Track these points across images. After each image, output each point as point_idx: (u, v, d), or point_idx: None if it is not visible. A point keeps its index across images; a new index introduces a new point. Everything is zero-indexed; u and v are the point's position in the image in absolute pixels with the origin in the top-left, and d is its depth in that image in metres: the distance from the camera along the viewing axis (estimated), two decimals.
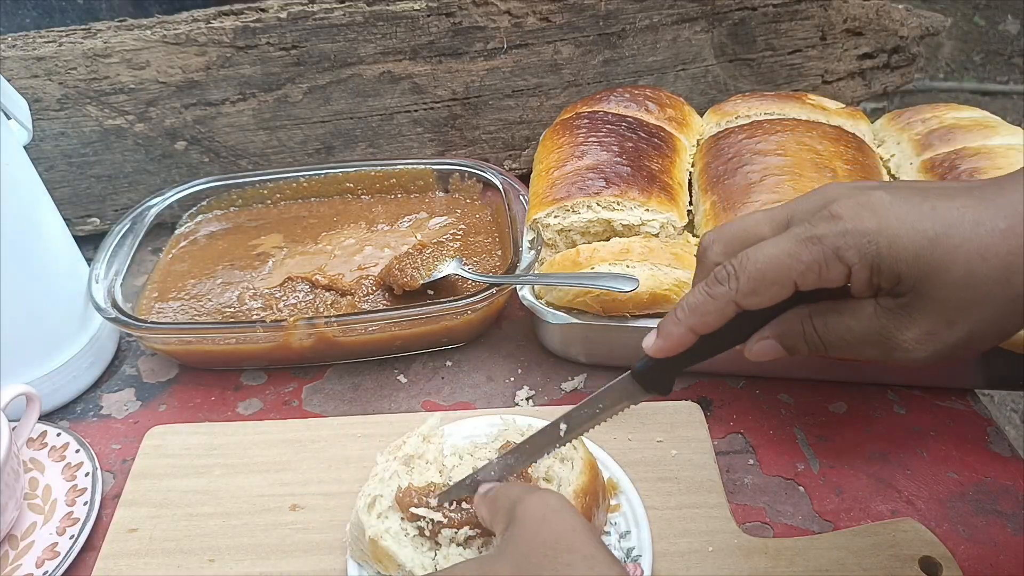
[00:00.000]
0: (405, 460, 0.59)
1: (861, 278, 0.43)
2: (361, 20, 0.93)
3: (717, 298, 0.46)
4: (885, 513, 0.63)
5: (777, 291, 0.45)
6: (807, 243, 0.44)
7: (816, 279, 0.44)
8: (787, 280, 0.44)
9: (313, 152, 1.01)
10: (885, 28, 1.05)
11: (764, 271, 0.44)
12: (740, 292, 0.45)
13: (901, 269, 0.42)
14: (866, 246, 0.42)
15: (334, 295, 0.81)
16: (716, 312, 0.46)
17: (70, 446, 0.69)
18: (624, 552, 0.57)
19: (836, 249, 0.43)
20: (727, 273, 0.46)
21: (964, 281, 0.41)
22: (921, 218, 0.42)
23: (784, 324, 0.47)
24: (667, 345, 0.49)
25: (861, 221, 0.43)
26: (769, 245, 0.45)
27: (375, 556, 0.54)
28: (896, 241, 0.42)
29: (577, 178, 0.79)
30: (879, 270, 0.42)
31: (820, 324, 0.46)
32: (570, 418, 0.53)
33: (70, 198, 0.97)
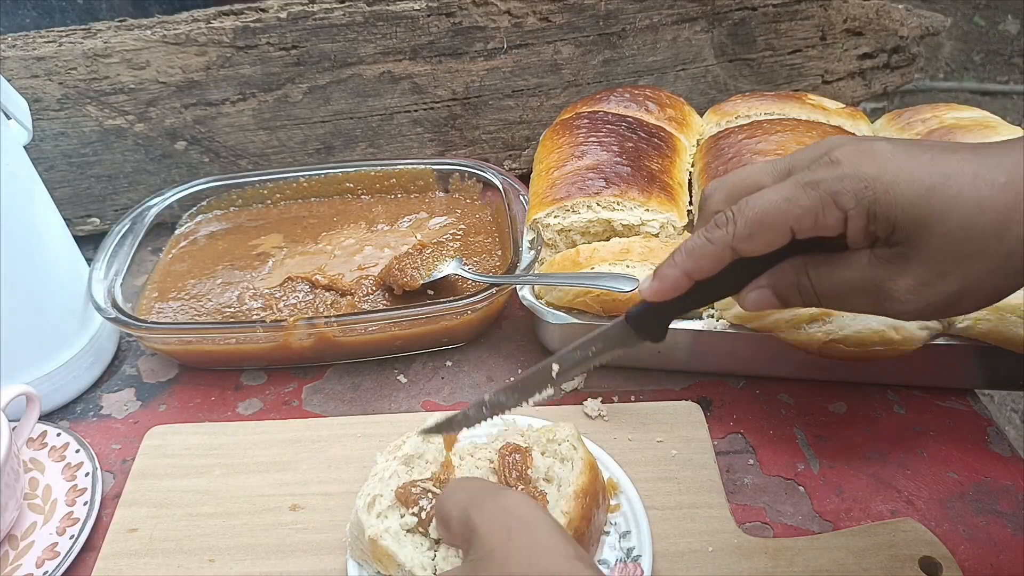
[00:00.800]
0: (405, 460, 0.59)
1: (857, 224, 0.43)
2: (361, 20, 0.93)
3: (715, 242, 0.46)
4: (885, 513, 0.63)
5: (773, 236, 0.45)
6: (805, 188, 0.44)
7: (813, 224, 0.44)
8: (784, 225, 0.44)
9: (313, 152, 1.01)
10: (885, 28, 1.05)
11: (762, 215, 0.45)
12: (737, 236, 0.46)
13: (897, 216, 0.42)
14: (863, 191, 0.42)
15: (334, 295, 0.81)
16: (713, 256, 0.47)
17: (70, 446, 0.69)
18: (624, 552, 0.57)
19: (833, 194, 0.43)
20: (726, 218, 0.46)
21: (959, 232, 0.41)
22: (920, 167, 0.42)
23: (779, 274, 0.47)
24: (663, 287, 0.49)
25: (860, 167, 0.43)
26: (769, 191, 0.45)
27: (375, 556, 0.54)
28: (893, 187, 0.42)
29: (577, 178, 0.79)
30: (875, 216, 0.42)
31: (815, 274, 0.46)
32: (563, 359, 0.53)
33: (70, 198, 0.97)
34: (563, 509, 0.53)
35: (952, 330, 0.68)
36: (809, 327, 0.67)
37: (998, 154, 0.42)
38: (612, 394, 0.74)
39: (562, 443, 0.58)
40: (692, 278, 0.48)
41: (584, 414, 0.70)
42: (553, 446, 0.58)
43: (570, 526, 0.52)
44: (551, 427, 0.60)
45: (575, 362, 0.53)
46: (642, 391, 0.75)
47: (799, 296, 0.47)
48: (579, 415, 0.70)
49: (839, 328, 0.67)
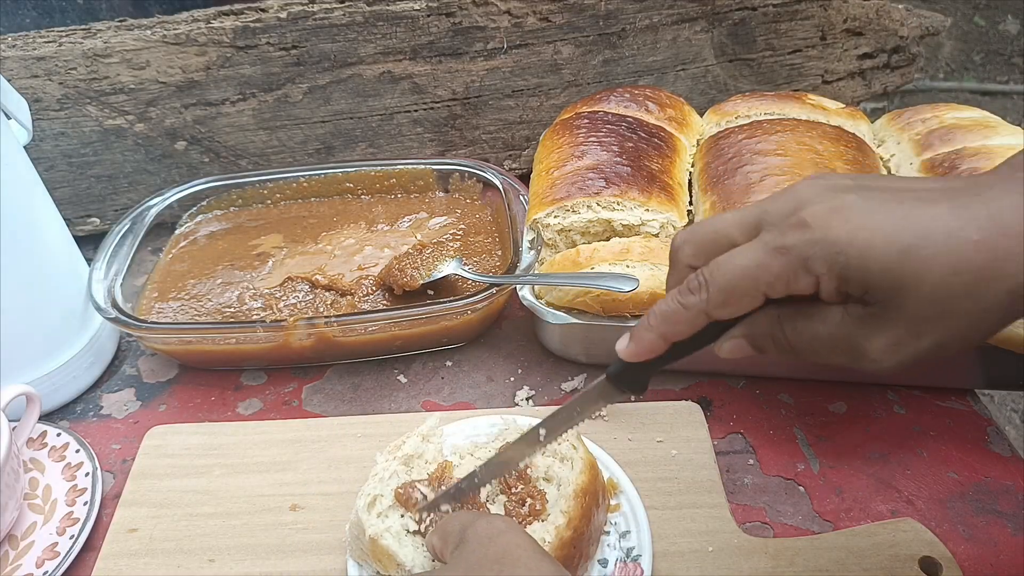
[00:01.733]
0: (405, 460, 0.59)
1: (829, 287, 0.43)
2: (361, 20, 0.93)
3: (689, 308, 0.47)
4: (885, 513, 0.63)
5: (748, 302, 0.45)
6: (775, 253, 0.43)
7: (784, 289, 0.44)
8: (756, 291, 0.45)
9: (313, 152, 1.01)
10: (885, 28, 1.05)
11: (734, 283, 0.45)
12: (711, 304, 0.46)
13: (871, 281, 0.41)
14: (835, 257, 0.42)
15: (334, 295, 0.81)
16: (687, 322, 0.47)
17: (70, 446, 0.69)
18: (624, 552, 0.57)
19: (804, 260, 0.42)
20: (698, 283, 0.46)
21: (934, 295, 0.40)
22: (894, 227, 0.41)
23: (754, 325, 0.47)
24: (640, 350, 0.50)
25: (831, 230, 0.42)
26: (738, 255, 0.45)
27: (375, 555, 0.54)
28: (866, 252, 0.41)
29: (577, 178, 0.79)
30: (847, 281, 0.42)
31: (789, 328, 0.46)
32: (548, 423, 0.54)
33: (70, 198, 0.97)
34: (563, 508, 0.53)
35: None
36: None
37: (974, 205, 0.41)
38: None
39: (562, 443, 0.58)
40: (668, 341, 0.49)
41: None
42: (553, 446, 0.58)
43: (570, 525, 0.52)
44: None
45: (560, 423, 0.55)
46: None
47: (774, 347, 0.47)
48: None
49: None
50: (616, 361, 0.52)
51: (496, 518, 0.48)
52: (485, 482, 0.56)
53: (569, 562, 0.53)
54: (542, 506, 0.54)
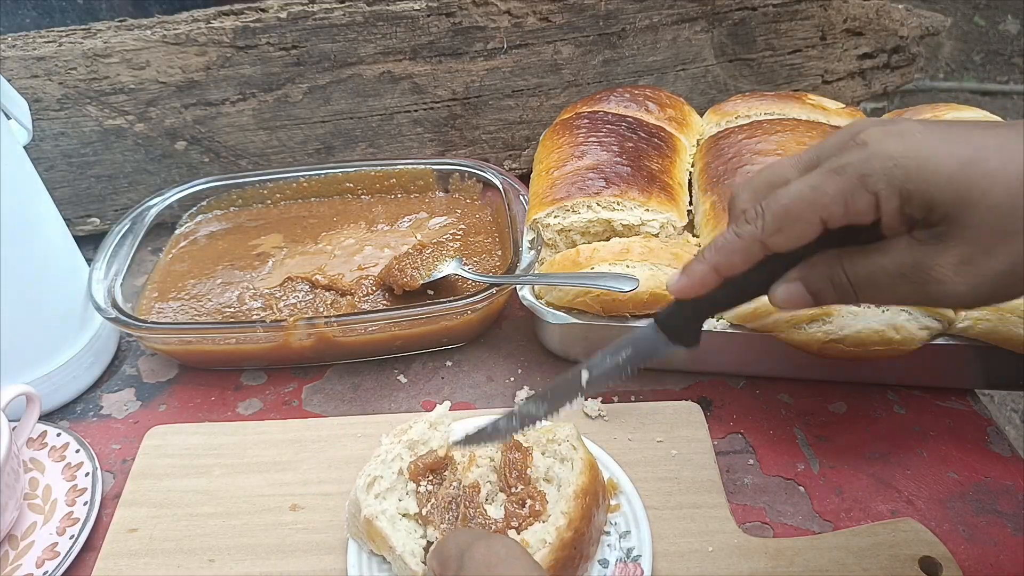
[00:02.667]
0: (410, 444, 0.59)
1: (890, 206, 0.41)
2: (361, 20, 0.93)
3: (743, 237, 0.45)
4: (885, 513, 0.63)
5: (803, 228, 0.43)
6: (831, 174, 0.42)
7: (843, 212, 0.42)
8: (813, 216, 0.42)
9: (313, 152, 1.01)
10: (885, 28, 1.05)
11: (789, 207, 0.43)
12: (766, 230, 0.44)
13: (933, 194, 0.39)
14: (892, 170, 0.40)
15: (334, 295, 0.81)
16: (742, 252, 0.45)
17: (70, 446, 0.69)
18: (624, 552, 0.57)
19: (861, 176, 0.41)
20: (755, 212, 0.44)
21: (1004, 205, 0.38)
22: (953, 142, 0.40)
23: (811, 267, 0.45)
24: (691, 283, 0.47)
25: (887, 146, 0.40)
26: (796, 183, 0.44)
27: (369, 535, 0.55)
28: (926, 164, 0.39)
29: (577, 178, 0.79)
30: (909, 196, 0.40)
31: (849, 264, 0.44)
32: (592, 366, 0.51)
33: (70, 198, 0.97)
34: (563, 509, 0.53)
35: (952, 330, 0.68)
36: (809, 327, 0.67)
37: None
38: (612, 394, 0.74)
39: (562, 443, 0.58)
40: (721, 274, 0.46)
41: (584, 414, 0.70)
42: (553, 446, 0.58)
43: (570, 526, 0.52)
44: (551, 427, 0.60)
45: (606, 369, 0.51)
46: (642, 391, 0.75)
47: (833, 289, 0.45)
48: (579, 415, 0.70)
49: (839, 328, 0.67)
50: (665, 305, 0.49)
51: (496, 542, 0.44)
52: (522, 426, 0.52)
53: (569, 562, 0.53)
54: (542, 507, 0.54)
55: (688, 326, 0.49)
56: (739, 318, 0.70)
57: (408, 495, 0.57)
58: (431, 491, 0.56)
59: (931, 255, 0.41)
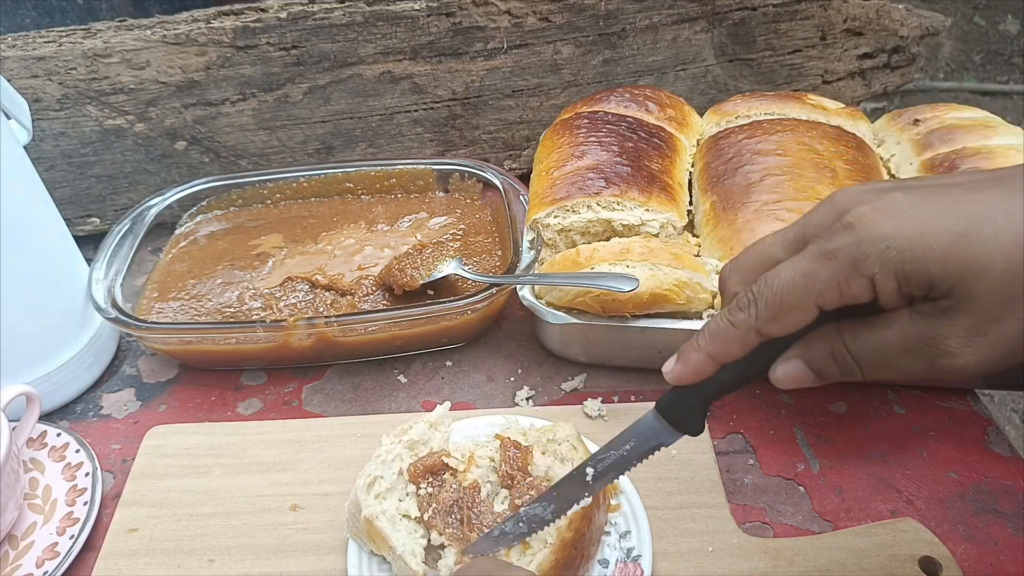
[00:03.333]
0: (410, 444, 0.59)
1: (888, 289, 0.40)
2: (361, 20, 0.93)
3: (738, 326, 0.44)
4: (885, 513, 0.63)
5: (799, 316, 0.42)
6: (822, 260, 0.41)
7: (838, 297, 0.41)
8: (807, 303, 0.42)
9: (313, 152, 1.01)
10: (885, 28, 1.05)
11: (782, 296, 0.42)
12: (760, 319, 0.43)
13: (931, 272, 0.38)
14: (885, 252, 0.39)
15: (334, 295, 0.81)
16: (737, 340, 0.44)
17: (70, 446, 0.69)
18: (624, 552, 0.57)
19: (853, 262, 0.40)
20: (747, 300, 0.44)
21: (1007, 273, 0.38)
22: (944, 214, 0.39)
23: (811, 344, 0.44)
24: (686, 371, 0.46)
25: (877, 227, 0.39)
26: (785, 267, 0.43)
27: (369, 535, 0.55)
28: (919, 242, 0.38)
29: (577, 178, 0.79)
30: (906, 277, 0.39)
31: (851, 339, 0.42)
32: (596, 461, 0.51)
33: (70, 198, 0.97)
34: None
35: None
36: None
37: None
38: (612, 394, 0.74)
39: (562, 443, 0.58)
40: (718, 362, 0.45)
41: (584, 414, 0.70)
42: (553, 446, 0.58)
43: (571, 526, 0.52)
44: (551, 427, 0.60)
45: (610, 464, 0.50)
46: (642, 391, 0.75)
47: (835, 366, 0.43)
48: (579, 415, 0.70)
49: None
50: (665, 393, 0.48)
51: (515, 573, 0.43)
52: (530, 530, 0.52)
53: (570, 563, 0.53)
54: None
55: (691, 413, 0.48)
56: None
57: (409, 497, 0.57)
58: (431, 494, 0.56)
59: (937, 329, 0.40)
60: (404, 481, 0.57)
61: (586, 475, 0.51)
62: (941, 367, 0.40)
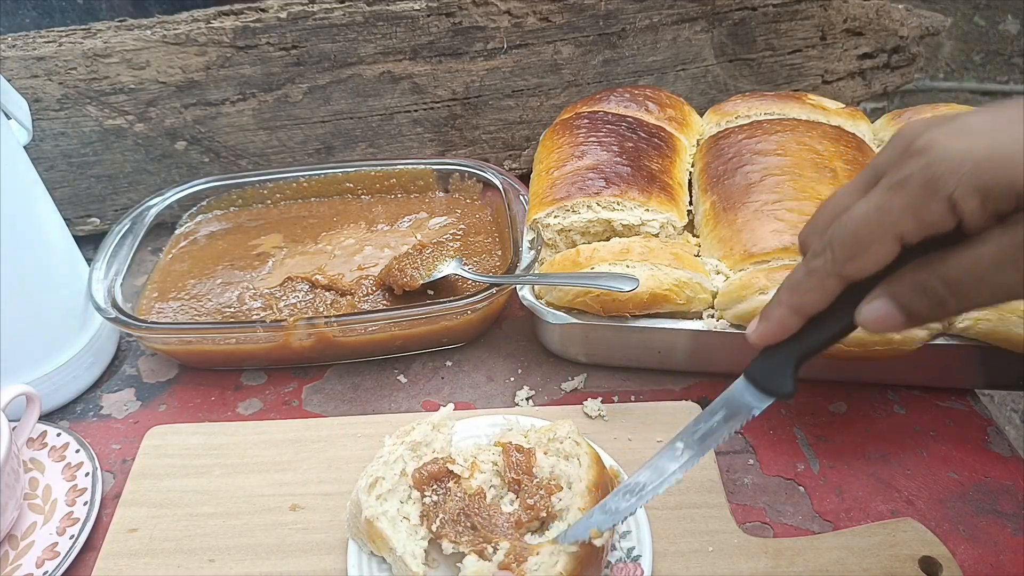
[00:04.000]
0: (412, 446, 0.59)
1: (971, 206, 0.37)
2: (361, 20, 0.93)
3: (816, 271, 0.42)
4: (885, 513, 0.63)
5: (878, 250, 0.40)
6: (895, 189, 0.39)
7: (916, 225, 0.39)
8: (885, 235, 0.40)
9: (313, 152, 1.01)
10: (885, 28, 1.05)
11: (857, 232, 0.40)
12: (838, 260, 0.41)
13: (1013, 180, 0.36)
14: (959, 168, 0.37)
15: (334, 295, 0.81)
16: (818, 288, 0.43)
17: (70, 446, 0.69)
18: (624, 552, 0.57)
19: (927, 184, 0.38)
20: (823, 245, 0.42)
21: None
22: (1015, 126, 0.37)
23: (897, 280, 0.41)
24: (770, 328, 0.45)
25: (948, 147, 0.38)
26: (859, 206, 0.41)
27: (369, 536, 0.55)
28: (995, 154, 0.37)
29: (577, 178, 0.79)
30: (988, 192, 0.37)
31: (941, 265, 0.39)
32: (686, 434, 0.49)
33: (70, 198, 0.97)
34: (579, 505, 0.53)
35: (952, 330, 0.68)
36: None
37: None
38: (612, 394, 0.74)
39: (564, 440, 0.58)
40: (802, 314, 0.44)
41: (584, 414, 0.70)
42: (555, 444, 0.58)
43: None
44: (551, 426, 0.60)
45: (701, 435, 0.48)
46: (642, 391, 0.75)
47: (925, 298, 0.40)
48: (579, 415, 0.70)
49: None
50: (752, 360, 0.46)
51: None
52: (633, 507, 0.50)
53: (595, 557, 0.52)
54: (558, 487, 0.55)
55: (779, 374, 0.46)
56: (739, 318, 0.70)
57: (411, 500, 0.57)
58: (437, 502, 0.56)
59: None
60: (406, 483, 0.57)
61: (676, 449, 0.49)
62: None
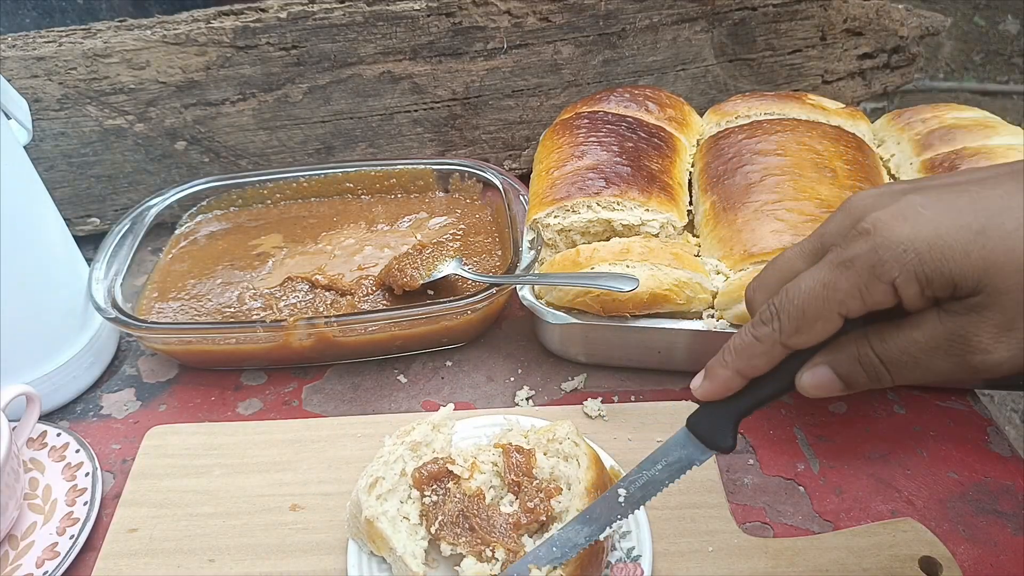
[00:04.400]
0: (412, 446, 0.59)
1: (910, 292, 0.39)
2: (361, 20, 0.93)
3: (763, 340, 0.44)
4: (885, 513, 0.63)
5: (822, 326, 0.42)
6: (841, 269, 0.41)
7: (860, 304, 0.41)
8: (830, 312, 0.41)
9: (313, 152, 1.01)
10: (885, 28, 1.05)
11: (804, 307, 0.42)
12: (784, 332, 0.43)
13: (953, 271, 0.38)
14: (903, 256, 0.38)
15: (334, 295, 0.81)
16: (763, 355, 0.44)
17: (70, 446, 0.69)
18: (624, 552, 0.57)
19: (872, 268, 0.39)
20: (770, 313, 0.43)
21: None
22: (961, 212, 0.38)
23: (838, 350, 0.43)
24: (713, 387, 0.47)
25: (893, 231, 0.39)
26: (805, 278, 0.42)
27: (369, 536, 0.55)
28: (937, 243, 0.38)
29: (577, 178, 0.79)
30: (927, 279, 0.39)
31: (878, 343, 0.42)
32: (629, 483, 0.50)
33: (70, 198, 0.97)
34: (578, 506, 0.53)
35: None
36: None
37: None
38: (612, 394, 0.74)
39: (563, 441, 0.58)
40: (746, 377, 0.46)
41: (584, 414, 0.70)
42: (554, 445, 0.58)
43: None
44: (551, 427, 0.60)
45: (643, 485, 0.50)
46: (642, 391, 0.75)
47: (862, 371, 0.43)
48: (579, 415, 0.70)
49: None
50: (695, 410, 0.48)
51: None
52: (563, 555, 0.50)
53: (595, 557, 0.52)
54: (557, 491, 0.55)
55: (722, 430, 0.48)
56: (739, 318, 0.70)
57: (411, 500, 0.57)
58: (436, 503, 0.56)
59: (966, 326, 0.39)
60: (406, 483, 0.57)
61: (618, 496, 0.50)
62: (973, 365, 0.40)
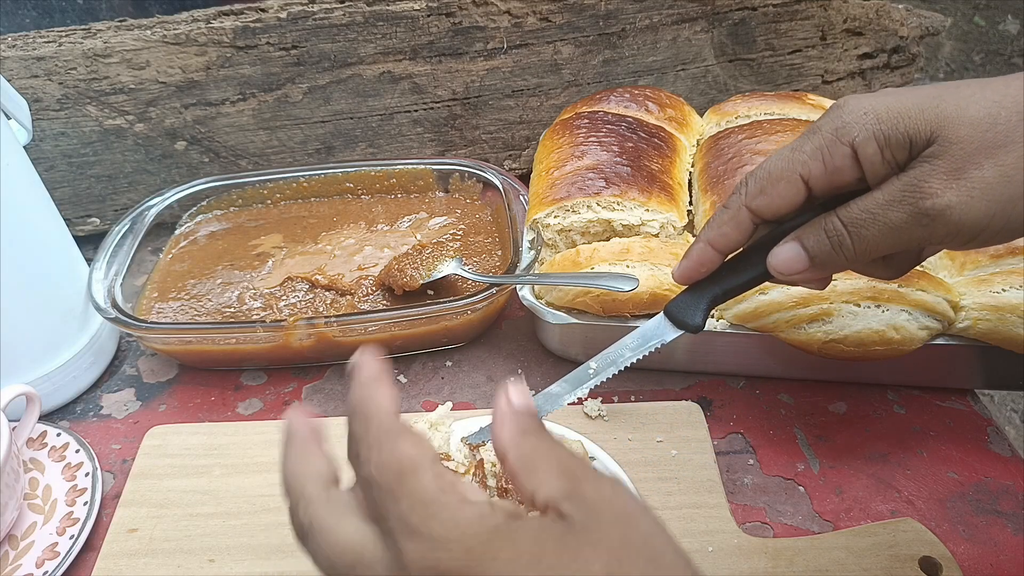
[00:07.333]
0: None
1: (869, 152, 0.42)
2: (361, 20, 0.93)
3: (730, 206, 0.47)
4: (885, 513, 0.63)
5: (785, 188, 0.45)
6: (807, 134, 0.44)
7: (821, 167, 0.44)
8: (792, 174, 0.45)
9: (313, 152, 1.01)
10: (885, 28, 1.05)
11: (770, 169, 0.45)
12: (749, 195, 0.46)
13: (908, 127, 0.41)
14: (863, 118, 0.42)
15: (334, 295, 0.81)
16: (731, 221, 0.47)
17: (70, 446, 0.69)
18: None
19: (835, 130, 0.43)
20: (741, 183, 0.47)
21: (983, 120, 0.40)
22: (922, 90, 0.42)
23: (807, 228, 0.46)
24: (690, 264, 0.49)
25: (859, 102, 0.43)
26: (778, 151, 0.46)
27: None
28: (896, 106, 0.42)
29: (577, 178, 0.79)
30: (886, 138, 0.42)
31: (843, 210, 0.44)
32: (600, 358, 0.54)
33: (70, 198, 0.97)
34: None
35: (952, 330, 0.68)
36: (809, 327, 0.67)
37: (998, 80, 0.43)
38: (612, 394, 0.74)
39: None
40: (717, 248, 0.48)
41: (584, 414, 0.70)
42: None
43: None
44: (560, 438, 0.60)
45: (612, 358, 0.53)
46: (642, 391, 0.75)
47: (826, 238, 0.45)
48: (579, 415, 0.70)
49: (839, 328, 0.67)
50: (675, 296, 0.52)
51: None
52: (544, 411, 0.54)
53: None
54: None
55: (694, 310, 0.50)
56: (739, 318, 0.70)
57: None
58: None
59: (920, 175, 0.42)
60: None
61: (589, 368, 0.54)
62: (924, 210, 0.42)
